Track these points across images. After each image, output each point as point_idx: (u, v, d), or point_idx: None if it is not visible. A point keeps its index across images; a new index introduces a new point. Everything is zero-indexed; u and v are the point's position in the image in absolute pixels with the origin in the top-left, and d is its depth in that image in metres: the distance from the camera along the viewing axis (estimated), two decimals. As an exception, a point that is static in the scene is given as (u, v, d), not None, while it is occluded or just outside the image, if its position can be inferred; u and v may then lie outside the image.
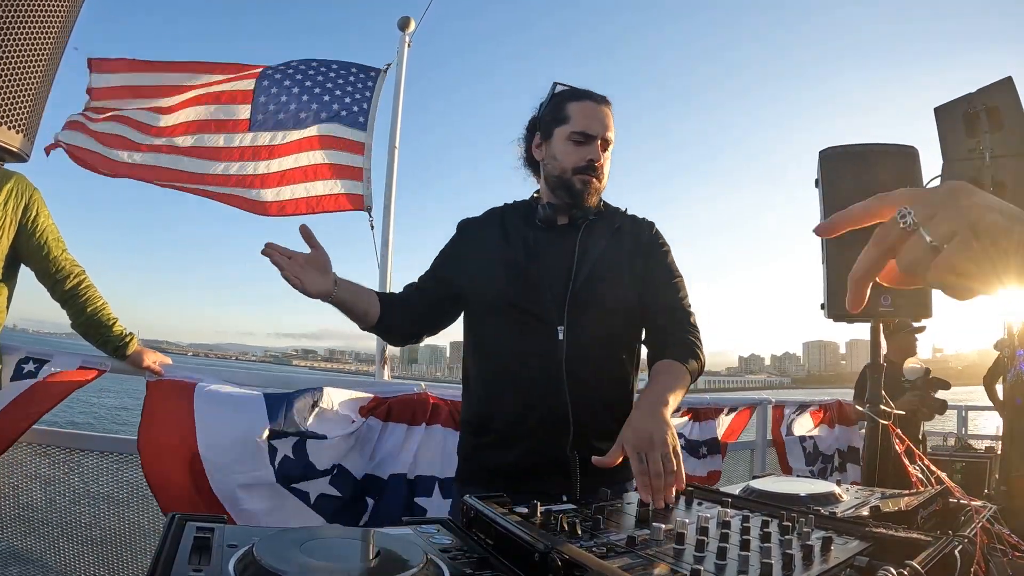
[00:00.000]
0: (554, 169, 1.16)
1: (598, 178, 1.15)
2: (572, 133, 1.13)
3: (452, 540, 0.60)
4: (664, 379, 1.03)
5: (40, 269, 1.56)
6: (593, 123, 1.13)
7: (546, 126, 1.18)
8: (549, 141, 1.17)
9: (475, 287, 1.18)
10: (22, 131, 1.15)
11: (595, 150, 1.13)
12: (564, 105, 1.15)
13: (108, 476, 1.68)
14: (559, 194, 1.17)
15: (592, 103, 1.15)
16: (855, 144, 2.04)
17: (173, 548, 0.48)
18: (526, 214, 1.21)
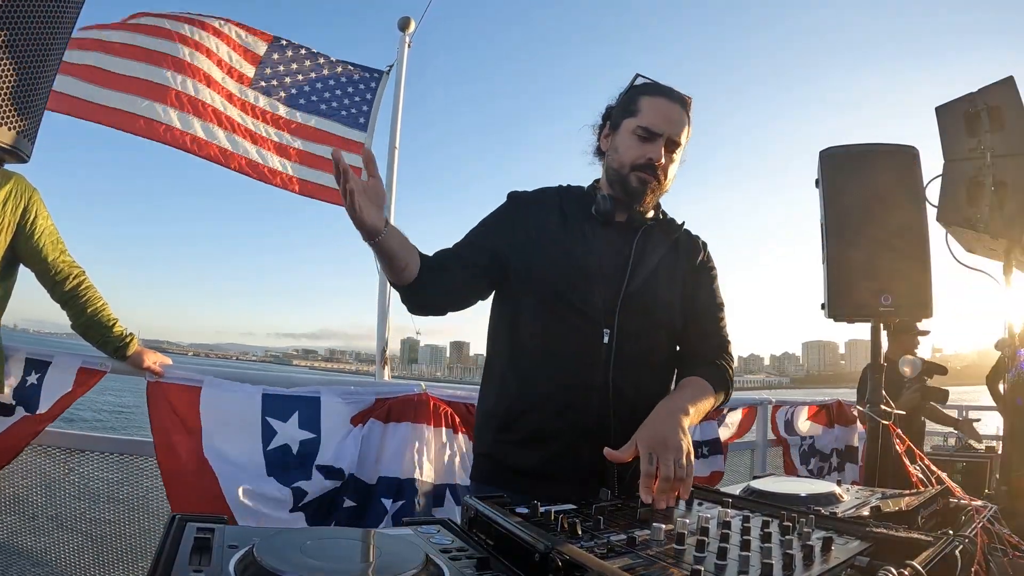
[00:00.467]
0: (614, 162, 1.11)
1: (657, 179, 1.08)
2: (638, 127, 1.07)
3: (452, 540, 0.60)
4: (689, 391, 1.01)
5: (39, 270, 1.56)
6: (660, 120, 1.07)
7: (615, 116, 1.12)
8: (615, 132, 1.12)
9: (525, 267, 1.09)
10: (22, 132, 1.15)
11: (657, 149, 1.06)
12: (637, 98, 1.09)
13: (108, 476, 1.68)
14: (616, 189, 1.11)
15: (665, 100, 1.08)
16: (855, 144, 2.04)
17: (174, 548, 0.48)
18: (584, 202, 1.14)
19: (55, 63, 1.20)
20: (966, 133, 1.93)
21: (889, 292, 1.90)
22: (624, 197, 1.10)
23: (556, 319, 1.05)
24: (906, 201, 1.95)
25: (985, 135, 1.90)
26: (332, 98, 2.82)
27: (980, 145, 1.90)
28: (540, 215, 1.13)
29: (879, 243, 1.92)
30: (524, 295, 1.09)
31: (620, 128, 1.10)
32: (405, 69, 2.88)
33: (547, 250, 1.09)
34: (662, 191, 1.12)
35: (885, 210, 1.94)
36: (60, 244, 1.58)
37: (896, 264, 1.91)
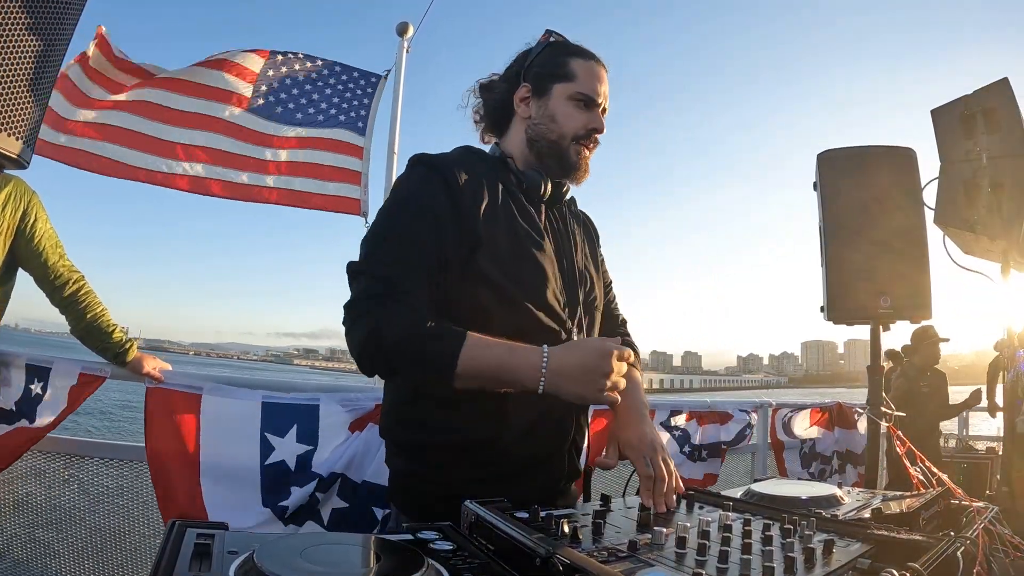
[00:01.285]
0: (549, 132, 0.96)
1: (592, 151, 0.99)
2: (577, 93, 0.95)
3: (453, 546, 0.60)
4: (636, 385, 0.97)
5: (38, 274, 1.56)
6: (600, 87, 0.97)
7: (540, 78, 0.97)
8: (544, 98, 0.96)
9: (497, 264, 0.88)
10: (22, 138, 1.16)
11: (598, 117, 0.97)
12: (566, 60, 0.97)
13: (109, 482, 1.67)
14: (548, 162, 0.97)
15: (596, 64, 0.99)
16: (853, 146, 2.05)
17: (174, 555, 0.48)
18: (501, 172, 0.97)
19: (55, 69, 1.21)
20: (962, 135, 1.94)
21: (888, 294, 1.91)
22: (558, 171, 0.97)
23: (529, 322, 0.89)
24: (904, 202, 1.96)
25: (981, 137, 1.91)
26: (330, 106, 2.83)
27: (976, 147, 1.91)
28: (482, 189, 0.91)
29: (878, 245, 1.92)
30: (480, 293, 0.87)
31: (551, 93, 0.96)
32: (404, 74, 2.89)
33: (500, 239, 0.89)
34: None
35: (883, 212, 1.95)
36: (59, 248, 1.58)
37: (895, 266, 1.91)
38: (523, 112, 0.99)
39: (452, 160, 0.92)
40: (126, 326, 2.07)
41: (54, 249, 1.56)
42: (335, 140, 2.81)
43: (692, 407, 2.54)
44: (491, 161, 1.00)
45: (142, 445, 1.61)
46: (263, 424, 1.58)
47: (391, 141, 2.83)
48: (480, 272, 0.87)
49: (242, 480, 1.53)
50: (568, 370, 0.78)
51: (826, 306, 2.01)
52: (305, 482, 1.57)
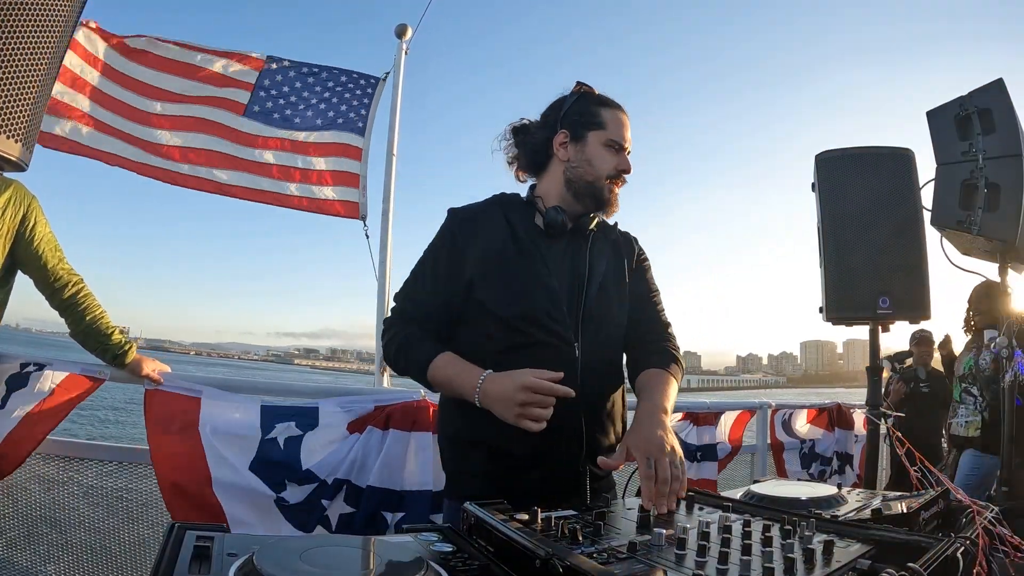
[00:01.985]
0: (586, 174, 1.12)
1: (619, 187, 1.15)
2: (610, 140, 1.12)
3: (453, 547, 0.60)
4: (658, 388, 1.05)
5: (37, 277, 1.56)
6: (626, 134, 1.14)
7: (576, 127, 1.13)
8: (581, 143, 1.13)
9: (491, 294, 1.07)
10: (21, 140, 1.15)
11: (626, 160, 1.14)
12: (596, 110, 1.14)
13: (108, 484, 1.67)
14: (584, 200, 1.13)
15: (622, 113, 1.16)
16: (851, 147, 2.05)
17: (173, 557, 0.48)
18: (527, 214, 1.15)
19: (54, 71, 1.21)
20: (958, 136, 1.95)
21: (887, 294, 1.91)
22: (593, 207, 1.13)
23: (529, 341, 1.05)
24: (902, 203, 1.96)
25: (977, 138, 1.91)
26: (328, 107, 2.83)
27: (972, 148, 1.91)
28: (488, 232, 1.10)
29: (876, 246, 1.93)
30: (491, 320, 1.06)
31: (586, 140, 1.12)
32: (402, 75, 2.90)
33: (504, 270, 1.07)
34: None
35: (882, 212, 1.95)
36: (59, 251, 1.58)
37: (893, 266, 1.92)
38: (562, 155, 1.14)
39: (470, 210, 1.15)
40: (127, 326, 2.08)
41: (53, 252, 1.56)
42: (334, 143, 2.81)
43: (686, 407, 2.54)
44: (515, 204, 1.16)
45: (141, 447, 1.61)
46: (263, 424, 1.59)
47: (390, 143, 2.83)
48: (478, 303, 1.07)
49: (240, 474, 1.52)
50: (493, 395, 0.95)
51: (825, 307, 2.01)
52: (303, 480, 1.57)
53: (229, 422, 1.57)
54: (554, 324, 1.05)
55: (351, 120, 2.88)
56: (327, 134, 2.83)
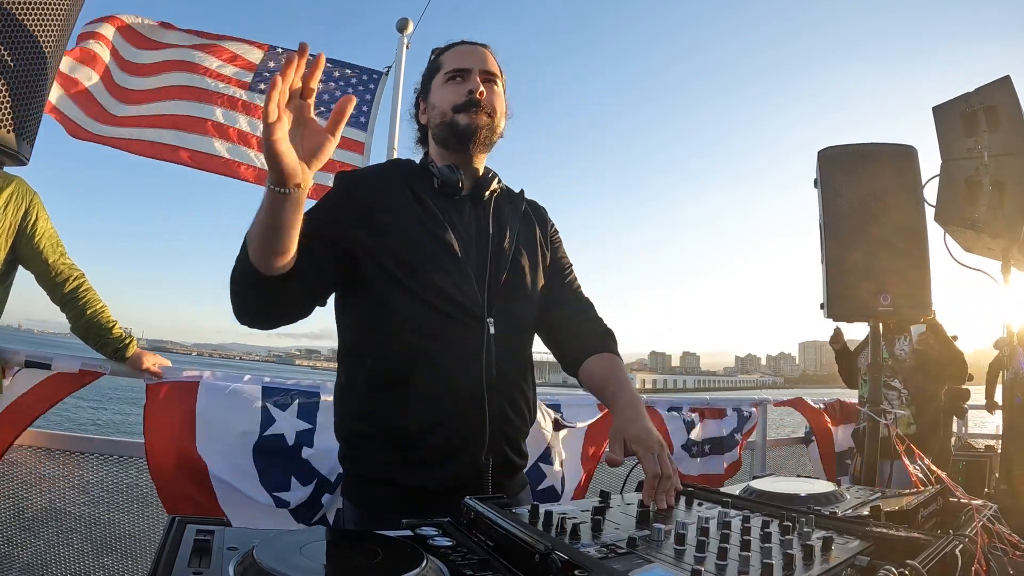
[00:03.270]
0: (435, 117, 1.02)
1: (486, 113, 1.00)
2: (445, 74, 1.02)
3: (452, 542, 0.60)
4: (622, 375, 1.02)
5: (39, 272, 1.56)
6: (466, 58, 1.03)
7: (423, 84, 1.08)
8: (428, 96, 1.06)
9: (389, 257, 0.93)
10: (21, 134, 1.15)
11: (473, 81, 1.01)
12: (437, 59, 1.07)
13: (108, 479, 1.68)
14: (450, 146, 1.01)
15: (464, 45, 1.06)
16: (854, 144, 2.04)
17: (173, 551, 0.48)
18: (424, 176, 1.03)
19: (54, 66, 1.20)
20: (963, 133, 1.94)
21: (888, 292, 1.90)
22: (458, 143, 1.00)
23: (437, 315, 0.93)
24: (905, 201, 1.95)
25: (982, 134, 1.90)
26: (332, 99, 2.84)
27: (977, 145, 1.90)
28: (388, 193, 0.98)
29: (878, 243, 1.92)
30: (388, 289, 0.93)
31: (431, 89, 1.05)
32: (404, 70, 2.89)
33: (409, 235, 0.95)
34: (496, 130, 1.03)
35: (884, 210, 1.95)
36: (60, 247, 1.59)
37: (895, 264, 1.91)
38: (424, 120, 1.08)
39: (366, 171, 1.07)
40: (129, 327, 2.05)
41: (54, 248, 1.57)
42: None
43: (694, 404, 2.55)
44: (412, 169, 1.06)
45: (140, 442, 1.61)
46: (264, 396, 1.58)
47: (391, 137, 2.83)
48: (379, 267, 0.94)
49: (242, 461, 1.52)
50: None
51: (826, 303, 2.00)
52: (306, 480, 1.58)
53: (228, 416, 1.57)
54: (463, 296, 0.95)
55: (353, 114, 2.88)
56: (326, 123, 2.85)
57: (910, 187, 1.97)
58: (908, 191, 1.97)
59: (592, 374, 1.04)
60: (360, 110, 2.86)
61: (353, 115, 2.86)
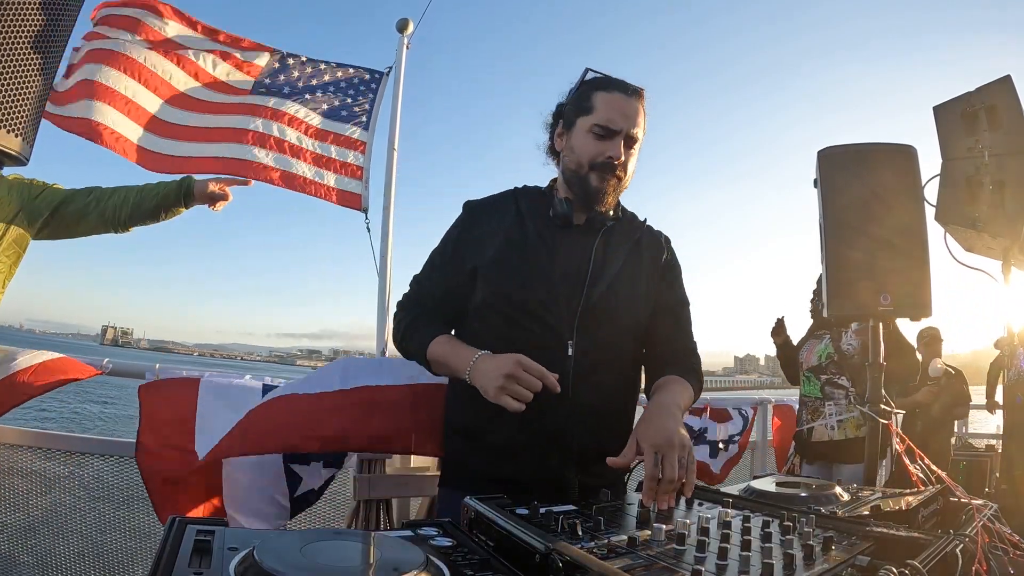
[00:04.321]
0: (571, 162, 1.06)
1: (618, 177, 1.05)
2: (594, 125, 1.03)
3: (453, 542, 0.60)
4: (674, 388, 1.01)
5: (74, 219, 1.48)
6: (617, 116, 1.03)
7: (569, 115, 1.08)
8: (570, 132, 1.07)
9: (491, 283, 1.05)
10: (21, 135, 1.15)
11: (616, 146, 1.03)
12: (591, 94, 1.05)
13: (109, 479, 1.68)
14: (575, 190, 1.07)
15: (621, 95, 1.04)
16: (854, 144, 2.04)
17: (174, 551, 0.48)
18: (540, 204, 1.10)
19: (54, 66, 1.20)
20: (964, 132, 1.94)
21: (888, 291, 1.90)
22: (584, 198, 1.06)
23: (520, 331, 1.01)
24: (905, 200, 1.95)
25: (983, 134, 1.90)
26: (335, 98, 2.85)
27: (978, 144, 1.90)
28: (496, 220, 1.09)
29: (878, 242, 1.92)
30: (484, 305, 1.06)
31: (575, 127, 1.06)
32: (404, 70, 2.89)
33: (505, 258, 1.05)
34: (622, 188, 1.09)
35: (884, 209, 1.94)
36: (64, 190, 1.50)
37: (895, 263, 1.91)
38: (559, 146, 1.11)
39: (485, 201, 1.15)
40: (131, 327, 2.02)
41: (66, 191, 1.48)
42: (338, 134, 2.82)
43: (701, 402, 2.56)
44: (530, 195, 1.14)
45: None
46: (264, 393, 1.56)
47: (391, 137, 2.83)
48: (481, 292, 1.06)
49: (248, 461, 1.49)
50: (482, 369, 0.94)
51: (826, 303, 2.00)
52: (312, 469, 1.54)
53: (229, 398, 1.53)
54: (548, 315, 1.01)
55: (355, 114, 2.89)
56: (332, 123, 2.85)
57: (910, 187, 1.97)
58: (908, 191, 1.96)
59: (652, 388, 1.05)
60: (363, 109, 2.87)
61: (356, 114, 2.86)
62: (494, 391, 0.89)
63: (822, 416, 2.30)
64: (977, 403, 4.52)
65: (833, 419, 2.27)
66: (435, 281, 1.12)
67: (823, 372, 2.39)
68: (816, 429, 2.30)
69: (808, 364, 2.46)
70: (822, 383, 2.37)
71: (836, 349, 2.36)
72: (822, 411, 2.31)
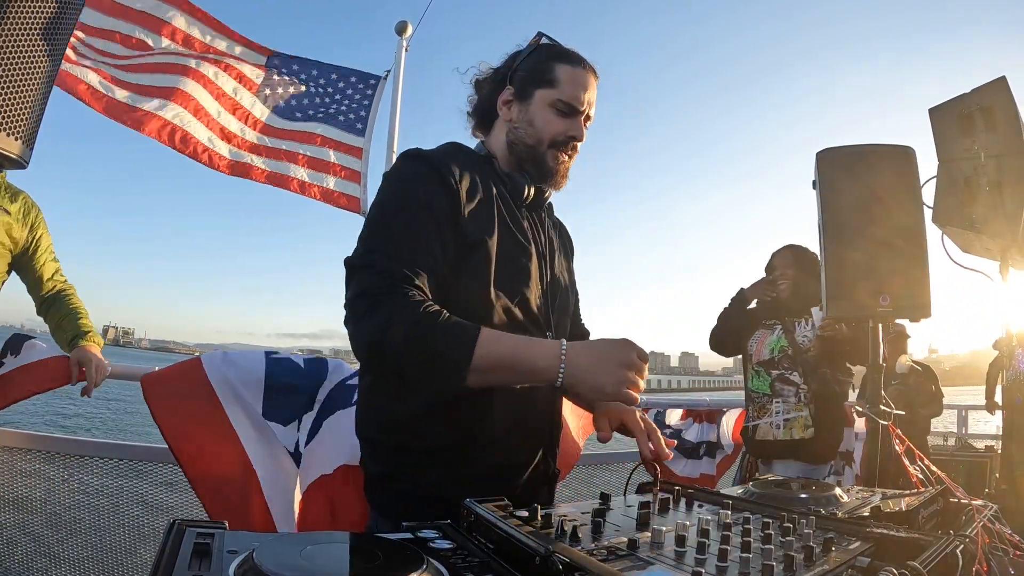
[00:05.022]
0: (527, 136, 0.96)
1: (571, 158, 0.99)
2: (558, 100, 0.95)
3: (452, 544, 0.60)
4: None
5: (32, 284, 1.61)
6: (581, 93, 0.95)
7: (524, 82, 0.97)
8: (526, 102, 0.96)
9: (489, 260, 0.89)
10: (21, 138, 1.15)
11: (579, 125, 0.96)
12: (552, 65, 0.96)
13: (109, 481, 1.67)
14: (526, 167, 0.98)
15: (583, 70, 0.97)
16: (852, 145, 2.05)
17: (173, 554, 0.48)
18: (489, 175, 0.97)
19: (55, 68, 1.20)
20: (960, 134, 1.95)
21: (888, 293, 1.90)
22: (538, 175, 0.98)
23: (516, 327, 0.90)
24: (904, 201, 1.95)
25: (979, 135, 1.91)
26: (332, 102, 2.86)
27: (974, 145, 1.91)
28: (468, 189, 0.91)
29: (877, 243, 1.92)
30: (469, 293, 0.87)
31: (533, 98, 0.96)
32: (403, 73, 2.90)
33: (504, 241, 0.92)
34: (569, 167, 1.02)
35: (883, 210, 1.95)
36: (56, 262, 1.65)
37: (894, 264, 1.91)
38: (505, 115, 1.00)
39: (446, 157, 0.92)
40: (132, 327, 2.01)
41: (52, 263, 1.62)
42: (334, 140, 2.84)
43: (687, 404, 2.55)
44: (478, 159, 1.00)
45: (141, 444, 1.61)
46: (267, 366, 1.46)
47: (390, 140, 2.84)
48: (472, 272, 0.88)
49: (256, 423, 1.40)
50: (588, 362, 0.75)
51: (825, 304, 2.01)
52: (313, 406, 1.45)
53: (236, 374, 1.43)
54: (530, 307, 0.94)
55: (351, 120, 2.91)
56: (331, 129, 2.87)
57: (909, 187, 1.98)
58: (907, 191, 1.97)
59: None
60: (358, 115, 2.88)
61: (350, 120, 2.88)
62: (614, 386, 0.74)
63: (768, 413, 2.13)
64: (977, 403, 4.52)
65: (779, 418, 2.09)
66: (435, 256, 0.84)
67: (774, 367, 2.20)
68: (760, 427, 2.13)
69: (759, 357, 2.26)
70: (772, 379, 2.17)
71: (790, 342, 2.19)
72: (769, 408, 2.14)
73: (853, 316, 2.04)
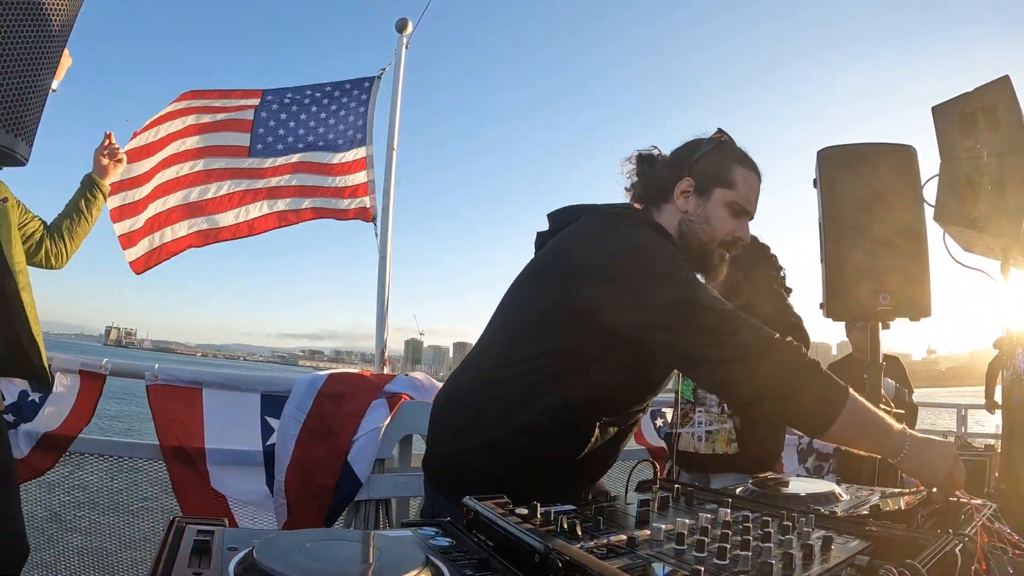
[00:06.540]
0: (701, 232, 1.03)
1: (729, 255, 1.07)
2: (735, 203, 1.03)
3: (452, 542, 0.60)
4: None
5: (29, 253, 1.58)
6: (754, 201, 1.05)
7: (704, 178, 1.04)
8: (705, 197, 1.03)
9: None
10: (20, 135, 1.15)
11: (746, 229, 1.05)
12: (731, 166, 1.04)
13: (108, 479, 1.68)
14: (692, 258, 1.02)
15: (756, 176, 1.06)
16: (853, 144, 2.04)
17: (173, 551, 0.48)
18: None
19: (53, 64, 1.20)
20: (962, 133, 1.94)
21: (888, 292, 1.90)
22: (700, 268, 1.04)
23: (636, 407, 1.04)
24: (904, 200, 1.95)
25: (982, 134, 1.90)
26: (328, 130, 2.88)
27: (977, 144, 1.90)
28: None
29: (878, 242, 1.92)
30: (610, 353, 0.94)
31: (711, 196, 1.03)
32: (403, 70, 2.89)
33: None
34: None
35: (884, 209, 1.95)
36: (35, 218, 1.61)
37: (895, 263, 1.91)
38: (681, 204, 1.05)
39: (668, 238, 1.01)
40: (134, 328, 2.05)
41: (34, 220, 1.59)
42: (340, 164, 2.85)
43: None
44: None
45: (141, 442, 1.61)
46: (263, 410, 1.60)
47: (390, 137, 2.83)
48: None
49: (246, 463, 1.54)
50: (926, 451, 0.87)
51: (825, 303, 2.00)
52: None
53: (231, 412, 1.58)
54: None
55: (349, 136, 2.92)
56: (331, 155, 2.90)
57: (910, 187, 1.97)
58: (908, 191, 1.97)
59: None
60: (356, 126, 2.87)
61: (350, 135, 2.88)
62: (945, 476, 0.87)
63: (690, 423, 1.93)
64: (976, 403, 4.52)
65: (701, 429, 1.89)
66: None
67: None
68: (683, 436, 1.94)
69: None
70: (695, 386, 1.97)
71: None
72: (691, 417, 1.94)
73: (853, 316, 2.04)
